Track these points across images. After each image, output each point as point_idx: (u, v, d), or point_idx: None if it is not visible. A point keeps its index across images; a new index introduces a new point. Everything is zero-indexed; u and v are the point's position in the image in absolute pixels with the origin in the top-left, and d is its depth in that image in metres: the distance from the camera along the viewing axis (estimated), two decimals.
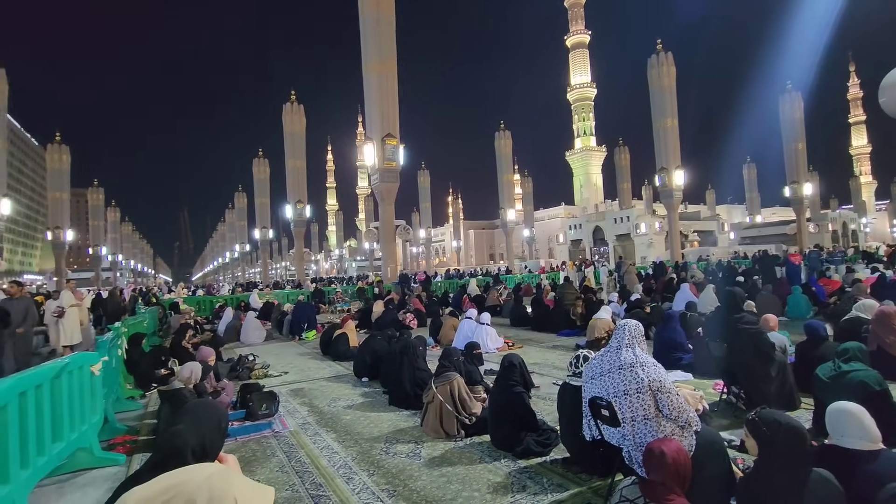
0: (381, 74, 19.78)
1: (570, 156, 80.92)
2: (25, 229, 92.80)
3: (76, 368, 3.89)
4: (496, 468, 3.58)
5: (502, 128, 38.23)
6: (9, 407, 2.91)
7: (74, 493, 3.63)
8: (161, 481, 0.83)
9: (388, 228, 20.69)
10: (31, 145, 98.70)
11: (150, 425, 5.06)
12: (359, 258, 66.64)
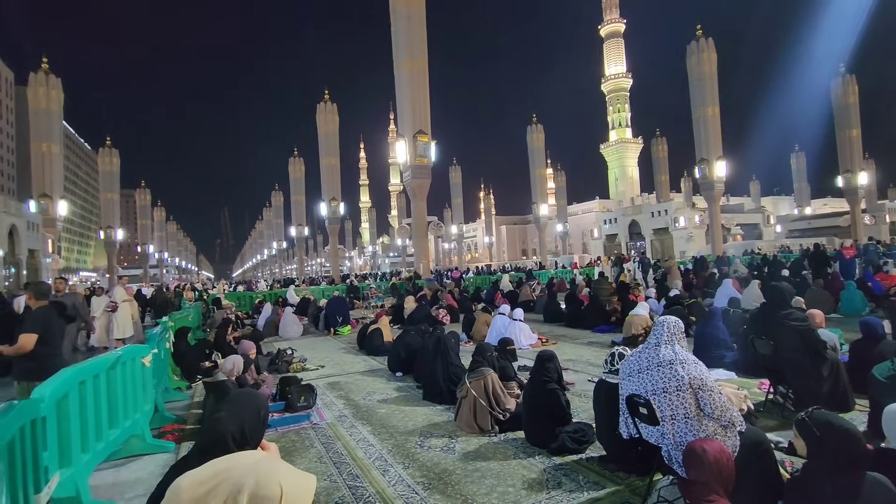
0: (412, 72, 19.87)
1: (605, 148, 79.13)
2: (80, 229, 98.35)
3: (129, 360, 4.11)
4: (531, 464, 3.56)
5: (534, 121, 37.77)
6: (70, 395, 3.11)
7: (128, 476, 3.84)
8: (211, 466, 0.87)
9: (421, 224, 20.84)
10: (85, 150, 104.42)
11: (197, 415, 5.30)
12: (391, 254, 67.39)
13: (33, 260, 34.04)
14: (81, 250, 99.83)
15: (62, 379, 3.01)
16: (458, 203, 52.04)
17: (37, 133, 28.07)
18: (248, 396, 1.62)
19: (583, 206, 70.71)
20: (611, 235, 50.31)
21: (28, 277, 32.76)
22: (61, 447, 2.95)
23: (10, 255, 31.07)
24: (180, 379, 6.98)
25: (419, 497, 3.16)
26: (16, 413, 2.15)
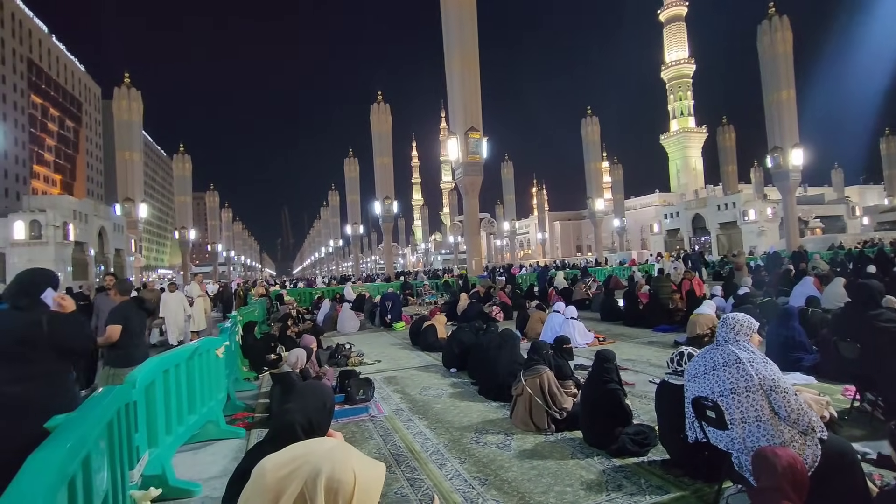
0: (463, 69, 19.88)
1: (666, 139, 75.46)
2: (158, 229, 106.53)
3: (205, 351, 4.43)
4: (589, 465, 3.49)
5: (589, 114, 36.71)
6: (156, 382, 3.40)
7: (205, 458, 4.15)
8: (290, 451, 0.93)
9: (473, 221, 20.85)
10: (161, 156, 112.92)
11: (264, 404, 5.62)
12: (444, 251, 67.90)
13: (119, 258, 37.28)
14: (159, 249, 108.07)
15: (149, 367, 3.30)
16: (510, 199, 51.57)
17: (120, 142, 30.74)
18: (314, 388, 1.70)
19: (641, 200, 67.91)
20: (672, 230, 48.00)
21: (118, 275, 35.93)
22: (149, 429, 3.24)
23: (99, 254, 34.22)
24: (248, 370, 7.42)
25: (476, 492, 3.19)
26: (113, 397, 2.39)
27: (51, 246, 27.67)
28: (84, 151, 78.83)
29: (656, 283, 11.25)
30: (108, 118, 68.94)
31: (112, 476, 2.20)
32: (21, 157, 61.83)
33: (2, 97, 56.04)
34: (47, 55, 69.33)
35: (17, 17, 61.58)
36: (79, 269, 30.56)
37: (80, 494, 1.67)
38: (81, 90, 79.98)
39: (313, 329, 10.11)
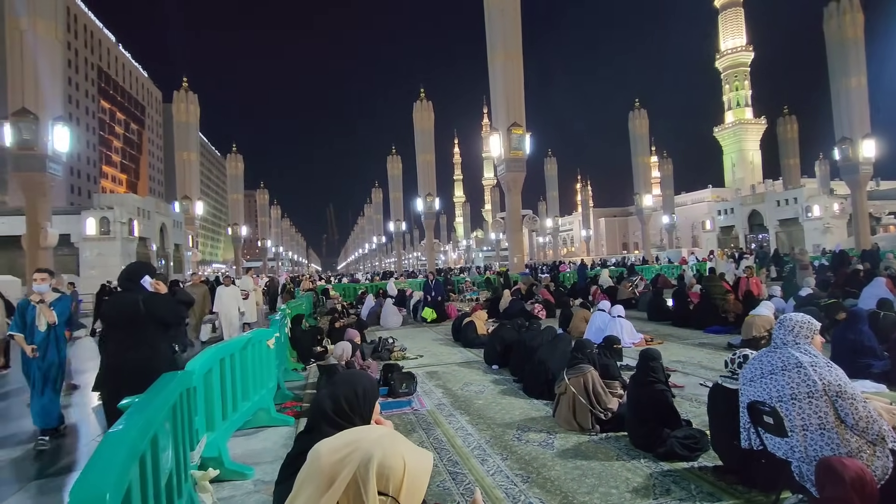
0: (506, 63, 19.69)
1: (720, 132, 71.83)
2: (212, 225, 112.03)
3: (257, 342, 4.64)
4: (635, 467, 3.40)
5: (637, 106, 35.45)
6: (213, 370, 3.59)
7: (257, 444, 4.35)
8: (343, 436, 0.97)
9: (515, 218, 20.66)
10: (215, 156, 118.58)
11: (311, 394, 5.82)
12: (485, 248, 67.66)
13: (178, 253, 39.51)
14: (213, 245, 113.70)
15: (207, 356, 3.49)
16: (553, 196, 50.69)
17: (179, 143, 32.52)
18: (348, 376, 1.74)
19: (692, 196, 65.04)
20: (726, 227, 45.65)
21: (174, 269, 38.17)
22: (207, 414, 3.43)
23: (161, 249, 36.42)
24: (296, 361, 7.70)
25: (518, 489, 3.18)
26: (177, 382, 2.55)
27: (118, 241, 29.67)
28: (147, 152, 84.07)
29: (708, 283, 10.77)
30: (167, 121, 73.33)
31: (175, 456, 2.35)
32: (92, 158, 66.69)
33: (75, 103, 60.49)
34: (114, 62, 74.35)
35: (88, 28, 66.39)
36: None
37: (149, 470, 1.80)
38: (144, 95, 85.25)
39: (357, 323, 10.35)
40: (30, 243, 15.27)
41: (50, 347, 4.69)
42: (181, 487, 2.45)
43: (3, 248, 26.44)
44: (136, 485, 1.60)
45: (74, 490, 1.27)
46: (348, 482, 0.90)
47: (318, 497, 0.90)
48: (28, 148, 14.76)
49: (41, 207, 15.35)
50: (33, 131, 14.77)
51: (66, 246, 27.12)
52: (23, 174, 15.23)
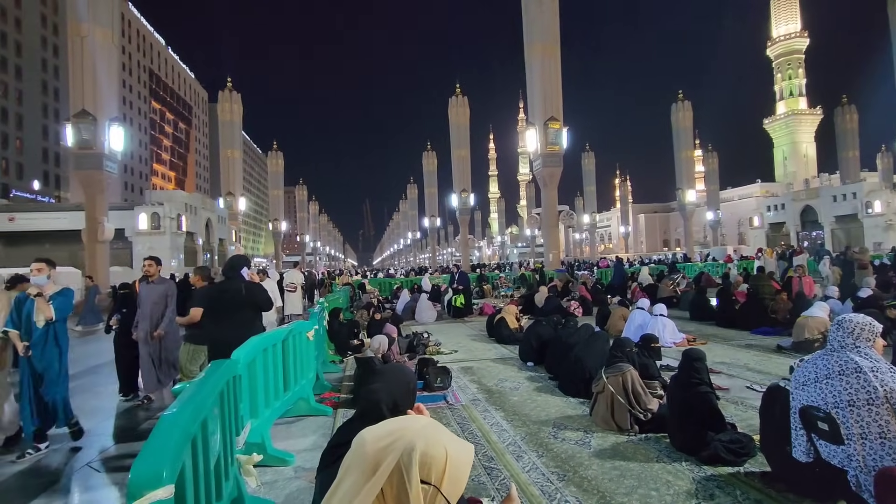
0: (544, 56, 19.39)
1: (771, 123, 68.22)
2: (254, 221, 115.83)
3: (297, 333, 4.78)
4: (676, 470, 3.30)
5: (680, 98, 34.11)
6: (256, 360, 3.73)
7: (297, 432, 4.49)
8: (387, 425, 0.99)
9: (551, 214, 20.38)
10: (257, 153, 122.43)
11: (349, 386, 5.94)
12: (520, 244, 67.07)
13: (222, 247, 41.08)
14: (255, 239, 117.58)
15: (251, 346, 3.63)
16: (590, 191, 49.68)
17: (223, 141, 33.74)
18: (398, 370, 1.77)
19: (739, 191, 62.18)
20: (776, 224, 43.51)
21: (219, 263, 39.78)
22: (251, 401, 3.57)
23: (206, 243, 37.99)
24: (334, 353, 7.88)
25: (554, 487, 3.15)
26: (224, 370, 2.66)
27: (167, 235, 31.19)
28: (193, 150, 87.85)
29: (756, 282, 10.31)
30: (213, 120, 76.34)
31: (223, 440, 2.46)
32: (143, 156, 70.23)
33: (129, 104, 63.79)
34: (164, 65, 77.93)
35: (141, 32, 69.81)
36: (189, 256, 34.17)
37: (200, 452, 1.89)
38: (191, 95, 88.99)
39: (393, 318, 10.49)
40: (88, 237, 16.26)
41: (49, 345, 4.24)
42: (228, 470, 2.56)
43: (65, 242, 28.27)
44: (188, 465, 1.69)
45: (135, 468, 1.35)
46: (392, 470, 0.92)
47: (363, 483, 0.92)
48: (87, 147, 15.70)
49: (99, 203, 16.31)
50: (92, 132, 15.69)
51: (121, 240, 28.75)
52: (83, 172, 16.22)
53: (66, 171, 49.96)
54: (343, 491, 0.94)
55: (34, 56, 49.54)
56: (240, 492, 2.73)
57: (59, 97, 50.93)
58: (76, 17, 16.01)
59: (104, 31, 16.27)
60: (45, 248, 29.51)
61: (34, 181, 48.39)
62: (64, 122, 16.25)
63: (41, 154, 50.21)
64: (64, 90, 47.62)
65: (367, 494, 0.91)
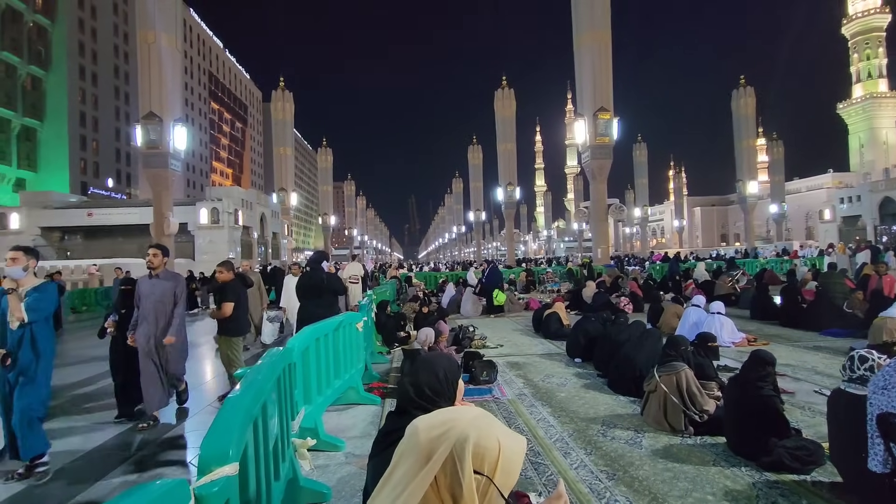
0: (594, 45, 18.80)
1: (846, 108, 62.88)
2: (304, 215, 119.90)
3: (348, 324, 4.93)
4: (734, 475, 3.15)
5: (742, 84, 32.10)
6: (310, 348, 3.88)
7: (347, 419, 4.63)
8: (440, 414, 1.01)
9: (600, 207, 19.82)
10: (308, 150, 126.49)
11: (396, 377, 6.07)
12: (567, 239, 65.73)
13: (275, 241, 42.84)
14: (305, 233, 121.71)
15: (305, 335, 3.78)
16: (642, 183, 47.80)
17: (276, 139, 35.08)
18: (430, 358, 1.78)
19: (808, 182, 57.88)
20: (850, 217, 40.26)
21: (272, 255, 41.54)
22: (305, 388, 3.72)
23: (261, 237, 39.74)
24: (381, 345, 8.06)
25: (603, 485, 3.09)
26: (280, 357, 2.80)
27: (225, 229, 32.90)
28: (249, 148, 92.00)
29: (826, 280, 9.62)
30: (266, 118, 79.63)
31: (279, 423, 2.58)
32: (204, 154, 74.26)
33: (190, 105, 67.50)
34: (222, 67, 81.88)
35: (201, 37, 73.63)
36: (245, 249, 35.89)
37: (260, 433, 2.00)
38: (247, 95, 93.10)
39: (438, 311, 10.58)
40: (156, 231, 17.43)
41: (24, 350, 3.50)
42: (284, 452, 2.69)
43: (136, 235, 30.44)
44: (251, 445, 1.79)
45: (204, 444, 1.45)
46: (445, 459, 0.93)
47: (417, 471, 0.94)
48: (154, 147, 16.79)
49: (165, 199, 17.42)
50: (158, 132, 16.76)
51: (184, 233, 30.61)
52: (150, 170, 17.37)
53: (136, 169, 53.67)
54: (397, 477, 0.97)
55: (108, 63, 53.39)
56: (295, 473, 2.86)
57: (129, 101, 54.70)
58: (145, 25, 17.10)
59: (169, 37, 17.28)
60: (117, 241, 31.94)
61: (108, 179, 52.36)
62: (134, 124, 17.47)
63: (114, 154, 54.18)
64: (134, 94, 51.23)
65: (420, 481, 0.93)
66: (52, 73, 45.70)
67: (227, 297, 5.27)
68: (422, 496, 0.93)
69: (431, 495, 0.93)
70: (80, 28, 48.99)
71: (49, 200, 34.00)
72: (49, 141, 45.68)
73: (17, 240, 30.93)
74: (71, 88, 46.77)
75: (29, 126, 44.30)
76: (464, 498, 0.93)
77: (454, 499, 0.93)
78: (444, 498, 0.93)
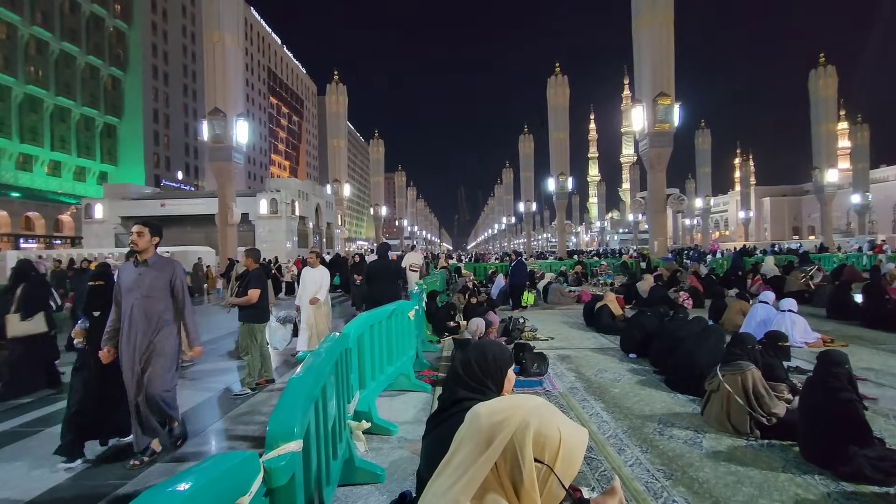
0: (654, 25, 17.87)
1: None
2: (357, 206, 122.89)
3: (400, 312, 5.03)
4: (807, 483, 2.95)
5: (822, 63, 29.42)
6: (364, 335, 3.99)
7: (399, 405, 4.74)
8: (502, 401, 1.01)
9: (658, 198, 18.93)
10: (359, 141, 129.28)
11: (446, 366, 6.13)
12: (621, 230, 63.53)
13: (329, 231, 44.26)
14: (358, 223, 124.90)
15: (360, 321, 3.89)
16: (704, 172, 45.15)
17: (331, 131, 36.05)
18: (480, 343, 1.78)
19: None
20: None
21: (326, 245, 42.99)
22: (360, 373, 3.83)
23: (316, 227, 41.18)
24: (431, 334, 8.17)
25: (660, 485, 2.99)
26: (337, 342, 2.90)
27: (283, 219, 34.33)
28: (305, 141, 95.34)
29: None
30: (321, 111, 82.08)
31: (337, 405, 2.68)
32: (263, 147, 77.68)
33: (251, 100, 70.66)
34: (280, 62, 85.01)
35: (261, 34, 76.71)
36: (302, 238, 37.34)
37: (321, 414, 2.09)
38: (303, 89, 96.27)
39: (488, 302, 10.57)
40: (220, 220, 18.46)
41: None
42: (341, 433, 2.80)
43: (202, 225, 32.40)
44: (312, 424, 1.88)
45: (272, 421, 1.53)
46: (505, 445, 0.93)
47: (477, 455, 0.94)
48: (219, 141, 17.73)
49: (228, 191, 18.40)
50: (223, 127, 17.67)
51: (246, 223, 32.24)
52: (215, 163, 18.37)
53: (203, 162, 57.03)
54: (457, 461, 0.98)
55: (177, 63, 56.85)
56: (351, 454, 2.97)
57: (196, 98, 58.08)
58: (210, 25, 18.01)
59: (232, 36, 18.11)
60: (186, 230, 34.12)
61: (178, 172, 56.02)
62: (200, 120, 18.50)
63: (183, 148, 57.82)
64: (200, 92, 54.40)
65: (481, 466, 0.93)
66: (129, 73, 49.26)
67: (253, 284, 5.49)
68: (482, 481, 0.93)
69: (492, 480, 0.94)
70: (153, 31, 52.42)
71: (127, 192, 36.79)
72: (127, 137, 49.41)
73: (102, 228, 33.91)
74: (146, 87, 50.27)
75: (110, 123, 48.06)
76: (524, 485, 0.93)
77: (514, 485, 0.94)
78: (505, 484, 0.94)
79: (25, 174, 38.91)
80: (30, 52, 38.88)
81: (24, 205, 36.85)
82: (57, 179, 42.08)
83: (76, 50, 43.09)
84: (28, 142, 38.95)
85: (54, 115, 41.41)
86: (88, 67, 44.73)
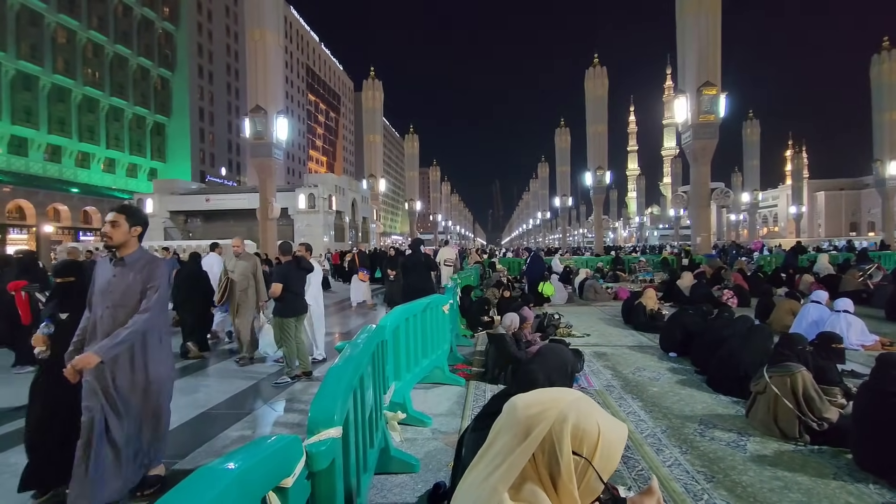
0: (700, 12, 17.14)
1: None
2: (392, 201, 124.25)
3: (435, 306, 5.07)
4: (861, 492, 2.81)
5: (886, 47, 27.42)
6: (400, 327, 4.05)
7: (433, 398, 4.79)
8: (539, 393, 1.01)
9: (702, 192, 18.23)
10: (395, 137, 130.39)
11: (480, 360, 6.14)
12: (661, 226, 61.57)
13: (365, 225, 44.94)
14: (393, 218, 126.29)
15: (396, 314, 3.95)
16: (752, 165, 43.11)
17: (367, 127, 36.53)
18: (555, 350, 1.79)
19: None
20: None
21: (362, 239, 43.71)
22: (395, 364, 3.90)
23: (352, 221, 41.92)
24: (465, 328, 8.19)
25: (700, 487, 2.91)
26: (374, 334, 2.96)
27: (320, 214, 35.13)
28: (341, 137, 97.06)
29: None
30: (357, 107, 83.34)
31: (374, 395, 2.74)
32: (301, 143, 79.59)
33: (290, 97, 72.45)
34: (318, 60, 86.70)
35: (300, 32, 78.42)
36: (338, 233, 38.12)
37: (359, 403, 2.15)
38: (340, 86, 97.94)
39: (523, 297, 10.49)
40: (261, 215, 19.07)
41: None
42: (377, 422, 2.86)
43: (245, 219, 33.54)
44: (351, 412, 1.93)
45: (313, 408, 1.59)
46: (544, 437, 0.94)
47: (515, 446, 0.95)
48: (260, 138, 18.28)
49: (269, 186, 18.96)
50: (264, 124, 18.21)
51: (285, 217, 33.18)
52: (256, 159, 18.97)
53: (244, 158, 58.99)
54: (494, 451, 0.99)
55: (221, 62, 58.91)
56: (387, 443, 3.03)
57: (239, 96, 60.05)
58: (253, 24, 18.56)
59: (273, 34, 18.59)
60: (229, 224, 35.45)
61: (222, 168, 58.18)
62: (242, 117, 19.13)
63: (226, 145, 59.97)
64: (242, 90, 56.19)
65: (518, 457, 0.94)
66: (177, 73, 51.41)
67: (273, 278, 5.60)
68: (519, 471, 0.94)
69: (530, 472, 0.94)
70: (198, 31, 54.47)
71: (175, 187, 38.53)
72: (174, 134, 51.68)
73: (152, 222, 35.65)
74: (192, 87, 52.37)
75: (159, 122, 50.38)
76: (562, 477, 0.93)
77: (552, 477, 0.94)
78: (543, 476, 0.94)
79: (84, 171, 41.37)
80: (87, 55, 41.19)
81: (83, 200, 39.18)
82: (112, 175, 44.52)
83: (128, 52, 45.31)
84: (86, 140, 41.35)
85: (109, 115, 43.77)
86: (140, 68, 46.96)
